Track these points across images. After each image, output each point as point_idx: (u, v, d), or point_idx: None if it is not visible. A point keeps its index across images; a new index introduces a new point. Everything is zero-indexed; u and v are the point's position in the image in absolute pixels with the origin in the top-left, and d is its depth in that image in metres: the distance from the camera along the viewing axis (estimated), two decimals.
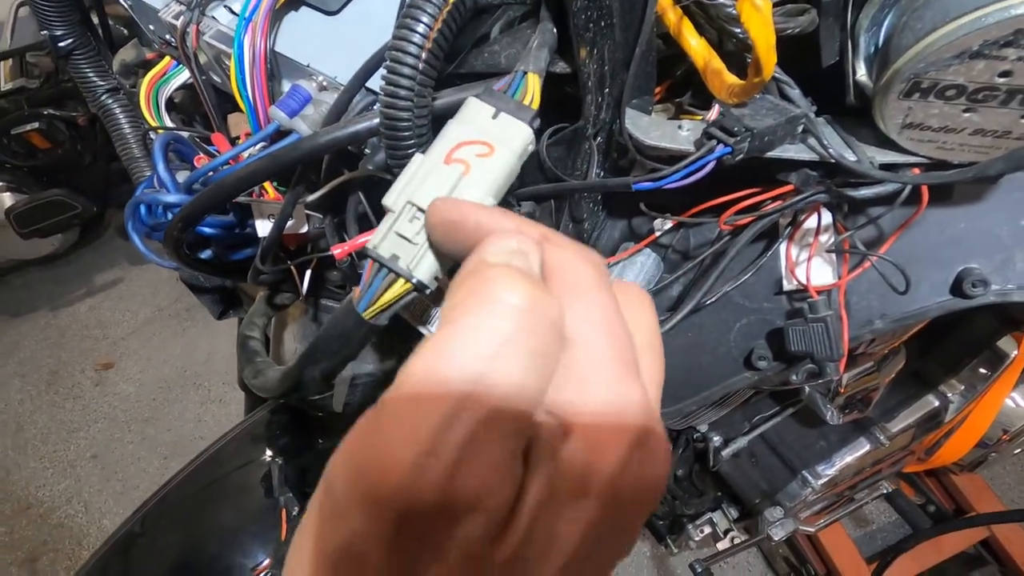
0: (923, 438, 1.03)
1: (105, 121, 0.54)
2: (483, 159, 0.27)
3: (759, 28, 0.26)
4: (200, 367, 2.17)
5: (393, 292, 0.26)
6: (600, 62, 0.30)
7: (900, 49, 0.27)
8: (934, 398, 0.95)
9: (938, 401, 0.95)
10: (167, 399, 2.08)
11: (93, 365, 2.21)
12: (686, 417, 0.66)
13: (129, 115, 0.53)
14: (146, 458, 1.92)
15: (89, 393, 2.11)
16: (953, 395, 0.95)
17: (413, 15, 0.26)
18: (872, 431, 0.98)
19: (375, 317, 0.27)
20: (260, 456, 0.82)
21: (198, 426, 2.02)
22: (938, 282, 0.38)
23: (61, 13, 0.47)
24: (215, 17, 0.38)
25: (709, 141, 0.30)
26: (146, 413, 2.06)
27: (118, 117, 0.53)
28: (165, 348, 2.23)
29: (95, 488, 1.85)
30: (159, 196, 0.37)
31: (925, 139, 0.31)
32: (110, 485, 1.86)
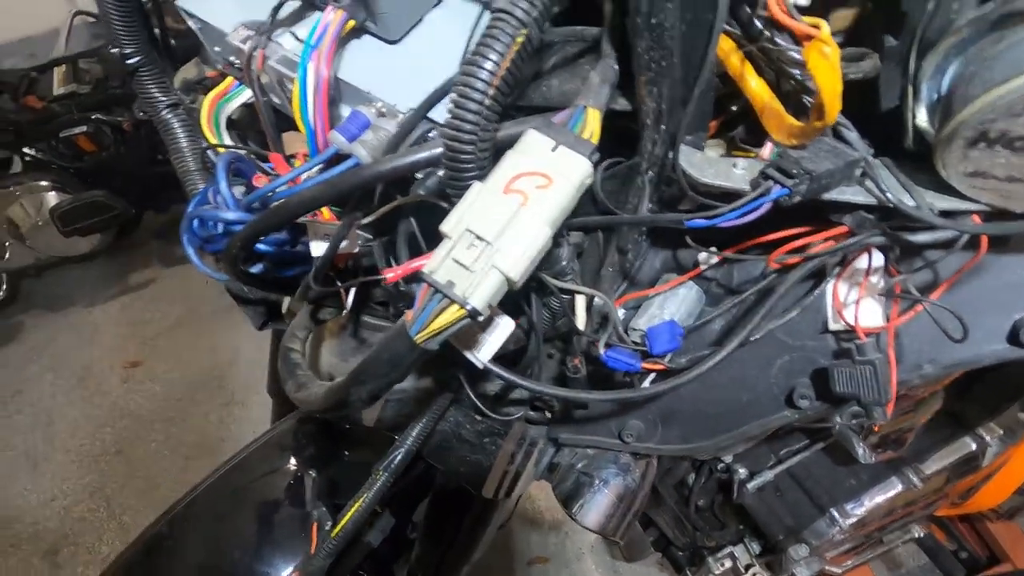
0: (958, 481, 0.99)
1: (164, 134, 0.56)
2: (542, 190, 0.27)
3: (826, 75, 0.26)
4: (224, 369, 2.20)
5: (446, 318, 0.27)
6: (659, 100, 0.31)
7: (967, 99, 0.27)
8: (971, 441, 0.92)
9: (975, 444, 0.92)
10: (191, 399, 2.12)
11: (122, 363, 2.26)
12: (718, 450, 0.64)
13: (187, 130, 0.55)
14: (169, 457, 1.95)
15: (117, 390, 2.16)
16: (991, 439, 0.92)
17: (482, 52, 0.27)
18: (905, 471, 0.95)
19: (426, 342, 0.27)
20: (286, 465, 0.83)
21: (220, 427, 2.05)
22: (993, 330, 0.37)
23: (131, 33, 0.49)
24: (280, 43, 0.40)
25: (766, 181, 0.30)
26: (170, 412, 2.09)
27: (177, 132, 0.55)
28: (191, 349, 2.28)
29: (118, 484, 1.88)
30: (220, 213, 0.38)
31: (988, 187, 0.30)
32: (132, 482, 1.89)
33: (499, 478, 0.65)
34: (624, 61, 0.31)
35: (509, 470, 0.64)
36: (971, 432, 0.95)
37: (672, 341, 0.39)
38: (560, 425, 0.55)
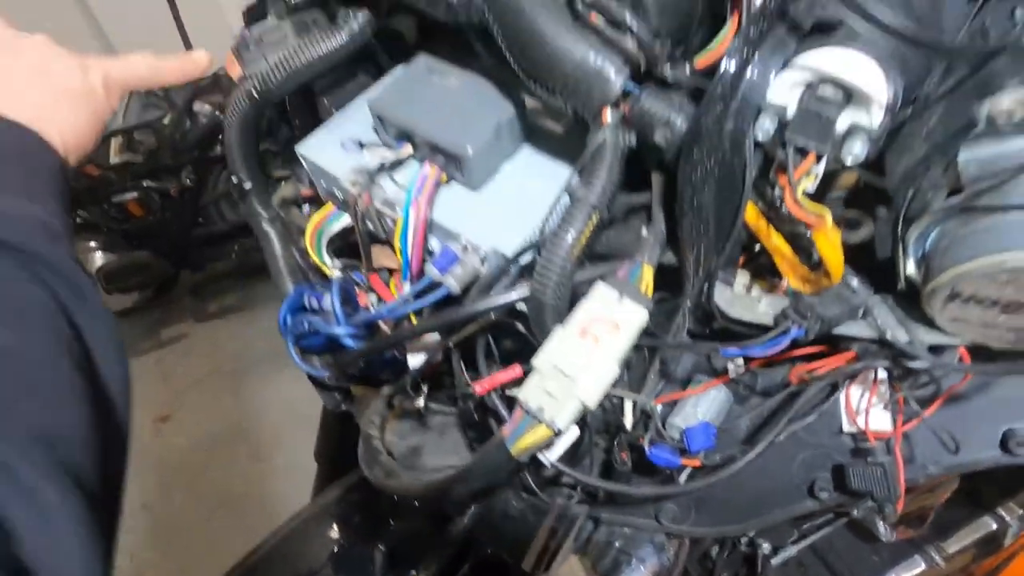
0: (983, 561, 1.00)
1: (263, 242, 0.65)
2: (610, 335, 0.35)
3: (829, 252, 0.34)
4: (250, 424, 2.26)
5: (537, 436, 0.34)
6: (698, 254, 0.39)
7: (942, 267, 0.35)
8: (992, 520, 0.94)
9: (996, 524, 0.94)
10: (216, 454, 2.17)
11: (152, 417, 2.33)
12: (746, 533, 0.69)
13: (282, 241, 0.65)
14: (194, 511, 1.98)
15: (147, 444, 2.21)
16: (1011, 519, 0.94)
17: (564, 228, 0.35)
18: (928, 550, 0.97)
19: (520, 455, 0.34)
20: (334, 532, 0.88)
21: (244, 483, 2.08)
22: (987, 438, 0.43)
23: (248, 163, 0.59)
24: (383, 186, 0.49)
25: (785, 321, 0.38)
26: (195, 467, 2.14)
27: (274, 241, 0.65)
28: (219, 404, 2.35)
29: (142, 539, 1.91)
30: (332, 328, 0.46)
31: (968, 329, 0.37)
32: (156, 538, 1.92)
33: (539, 552, 0.70)
34: (669, 221, 0.39)
35: (550, 545, 0.69)
36: (991, 512, 0.97)
37: (708, 440, 0.46)
38: (602, 505, 0.61)
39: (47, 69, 0.44)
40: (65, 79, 0.44)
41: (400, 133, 0.49)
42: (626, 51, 0.35)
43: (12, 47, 0.44)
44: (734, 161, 0.36)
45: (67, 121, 0.43)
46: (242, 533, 1.78)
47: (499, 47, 0.41)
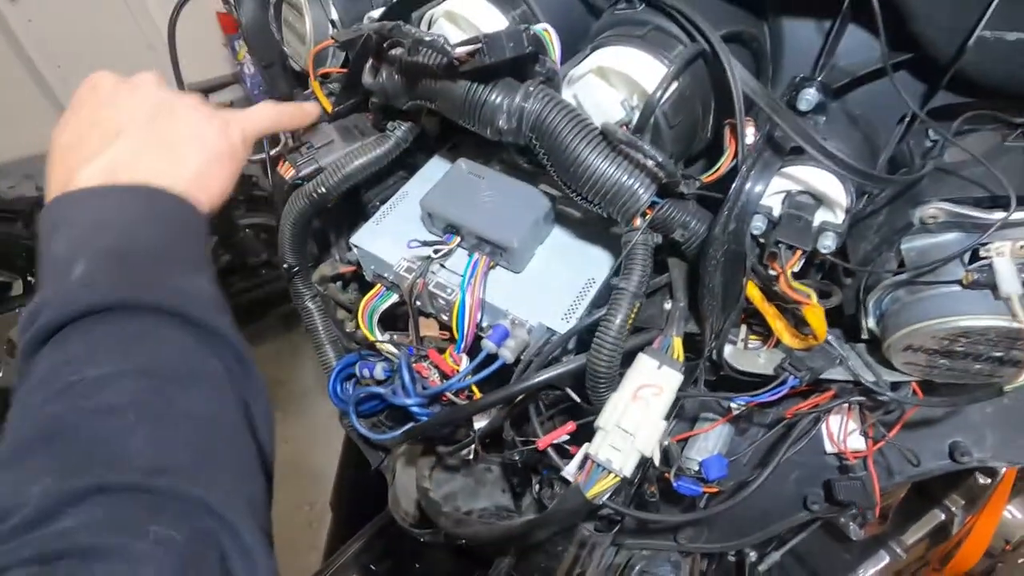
0: (936, 549, 1.14)
1: (305, 318, 0.72)
2: (656, 396, 0.44)
3: (816, 321, 0.45)
4: None
5: (607, 483, 0.43)
6: (711, 322, 0.49)
7: (897, 326, 0.46)
8: (940, 512, 1.08)
9: (944, 515, 1.08)
10: None
11: None
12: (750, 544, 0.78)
13: (323, 315, 0.71)
14: None
15: None
16: (956, 509, 1.08)
17: (614, 311, 0.45)
18: (890, 544, 1.10)
19: (594, 499, 0.43)
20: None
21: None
22: (938, 450, 0.55)
23: (297, 248, 0.66)
24: (433, 272, 0.57)
25: (784, 372, 0.48)
26: None
27: (315, 317, 0.71)
28: None
29: None
30: (402, 399, 0.54)
31: (917, 370, 0.49)
32: None
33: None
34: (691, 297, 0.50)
35: (573, 571, 0.76)
36: (939, 504, 1.10)
37: (722, 469, 0.56)
38: (626, 532, 0.70)
39: (200, 132, 0.44)
40: (215, 142, 0.45)
41: (448, 227, 0.57)
42: (652, 172, 0.45)
43: (171, 110, 0.44)
44: (736, 252, 0.47)
45: (216, 182, 0.44)
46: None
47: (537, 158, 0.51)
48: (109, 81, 0.45)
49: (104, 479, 0.29)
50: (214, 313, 0.37)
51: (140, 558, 0.28)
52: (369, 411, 0.64)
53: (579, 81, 0.51)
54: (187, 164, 0.43)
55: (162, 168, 0.41)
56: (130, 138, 0.42)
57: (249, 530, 0.31)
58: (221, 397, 0.35)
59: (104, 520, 0.28)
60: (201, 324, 0.36)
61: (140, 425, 0.32)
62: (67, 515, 0.28)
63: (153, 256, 0.38)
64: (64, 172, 0.41)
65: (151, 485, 0.30)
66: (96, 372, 0.32)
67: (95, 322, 0.34)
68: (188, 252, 0.40)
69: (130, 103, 0.44)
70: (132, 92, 0.45)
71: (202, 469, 0.32)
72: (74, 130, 0.43)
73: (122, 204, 0.39)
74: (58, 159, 0.42)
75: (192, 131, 0.44)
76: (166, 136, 0.43)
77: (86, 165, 0.40)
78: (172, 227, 0.40)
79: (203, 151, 0.44)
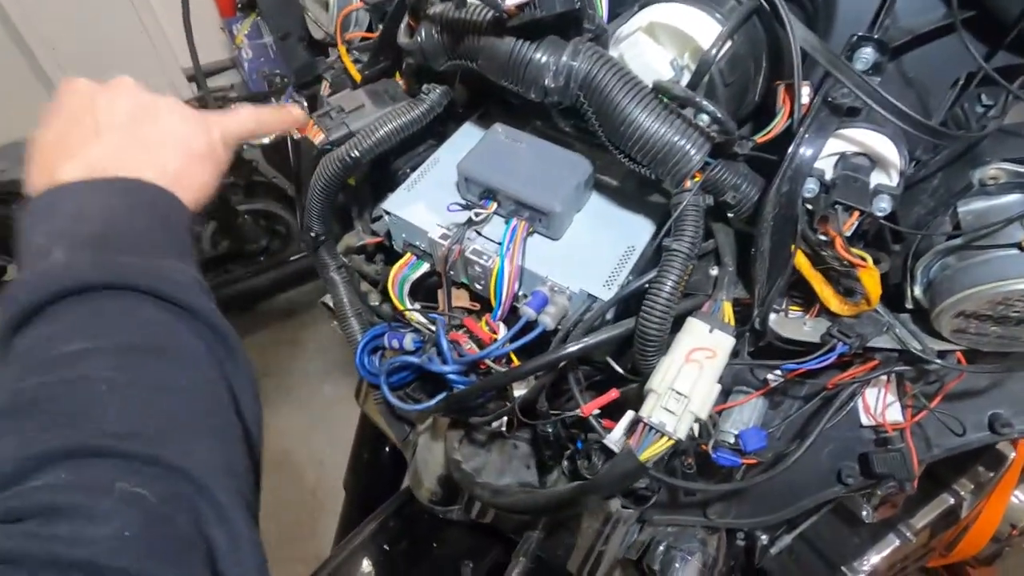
0: (944, 533, 1.15)
1: (330, 288, 0.70)
2: (710, 360, 0.43)
3: (871, 284, 0.44)
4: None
5: (660, 446, 0.42)
6: (759, 288, 0.48)
7: (950, 291, 0.45)
8: (949, 496, 1.08)
9: (953, 499, 1.08)
10: None
11: None
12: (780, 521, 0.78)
13: (348, 288, 0.70)
14: None
15: None
16: (965, 493, 1.08)
17: (666, 274, 0.44)
18: (899, 528, 1.10)
19: (647, 461, 0.42)
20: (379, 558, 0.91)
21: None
22: (977, 422, 0.55)
23: (323, 215, 0.64)
24: (469, 238, 0.56)
25: (832, 339, 0.48)
26: None
27: (340, 288, 0.70)
28: None
29: None
30: (440, 367, 0.52)
31: (965, 338, 0.48)
32: None
33: (585, 554, 0.76)
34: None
35: (596, 545, 0.75)
36: (948, 488, 1.11)
37: (761, 441, 0.55)
38: (655, 508, 0.69)
39: (180, 133, 0.45)
40: (194, 142, 0.46)
41: (485, 192, 0.56)
42: (705, 132, 0.44)
43: (150, 111, 0.45)
44: (786, 216, 0.46)
45: (197, 182, 0.45)
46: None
47: (579, 119, 0.50)
48: (88, 85, 0.45)
49: (72, 442, 0.29)
50: (196, 296, 0.37)
51: (105, 515, 0.27)
52: (398, 383, 0.63)
53: (626, 40, 0.49)
54: (167, 164, 0.43)
55: (142, 165, 0.42)
56: (111, 137, 0.43)
57: (228, 497, 0.31)
58: (200, 373, 0.36)
59: (70, 481, 0.28)
60: (182, 305, 0.36)
61: (113, 395, 0.32)
62: (32, 478, 0.28)
63: (134, 242, 0.38)
64: (45, 169, 0.41)
65: (122, 449, 0.30)
66: (70, 349, 0.33)
67: (73, 303, 0.34)
68: (170, 240, 0.40)
69: (110, 104, 0.44)
70: (112, 94, 0.45)
71: (178, 436, 0.32)
72: (55, 129, 0.43)
73: (103, 196, 0.39)
74: (41, 157, 0.42)
75: (172, 132, 0.45)
76: (146, 136, 0.44)
77: (67, 162, 0.41)
78: (154, 216, 0.41)
79: (183, 151, 0.45)
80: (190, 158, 0.45)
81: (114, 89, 0.45)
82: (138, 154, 0.43)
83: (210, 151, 0.47)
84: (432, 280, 0.63)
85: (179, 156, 0.44)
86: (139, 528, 0.27)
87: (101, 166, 0.40)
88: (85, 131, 0.42)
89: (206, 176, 0.46)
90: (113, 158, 0.41)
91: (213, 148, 0.47)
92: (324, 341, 2.41)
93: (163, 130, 0.45)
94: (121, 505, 0.28)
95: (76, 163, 0.40)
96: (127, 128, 0.43)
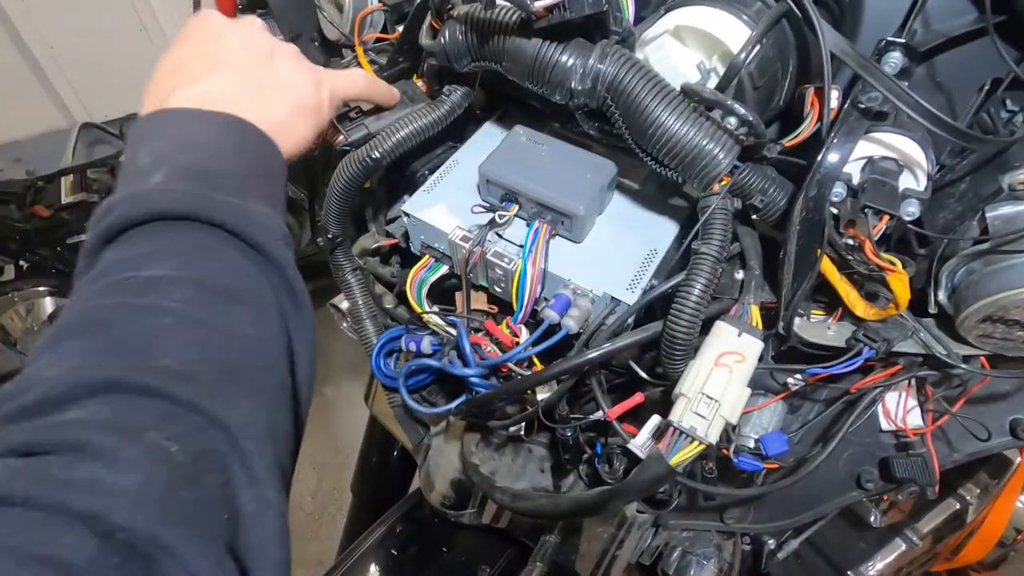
0: (949, 538, 1.15)
1: (344, 290, 0.70)
2: (739, 363, 0.43)
3: (900, 289, 0.44)
4: None
5: (691, 450, 0.41)
6: (786, 291, 0.48)
7: (976, 296, 0.45)
8: (955, 501, 1.09)
9: (959, 504, 1.09)
10: None
11: None
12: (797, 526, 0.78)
13: (363, 290, 0.69)
14: None
15: None
16: (971, 498, 1.09)
17: (695, 277, 0.43)
18: (906, 532, 1.10)
19: (677, 466, 0.41)
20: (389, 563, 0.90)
21: None
22: (999, 427, 0.55)
23: (341, 217, 0.64)
24: (490, 240, 0.56)
25: (857, 344, 0.48)
26: None
27: (355, 290, 0.69)
28: None
29: None
30: (461, 370, 0.52)
31: (990, 343, 0.48)
32: None
33: (598, 558, 0.76)
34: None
35: (609, 550, 0.75)
36: (954, 493, 1.11)
37: (783, 445, 0.55)
38: (672, 512, 0.69)
39: (293, 81, 0.46)
40: (305, 93, 0.46)
41: (507, 194, 0.56)
42: (734, 135, 0.44)
43: (271, 55, 0.46)
44: (813, 220, 0.46)
45: (298, 133, 0.46)
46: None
47: (604, 122, 0.50)
48: (218, 19, 0.47)
49: (124, 375, 0.29)
50: (278, 244, 0.37)
51: (127, 464, 0.26)
52: (415, 386, 0.63)
53: (652, 42, 0.49)
54: (275, 108, 0.44)
55: (252, 106, 0.43)
56: (229, 73, 0.44)
57: (264, 461, 0.30)
58: (266, 323, 0.35)
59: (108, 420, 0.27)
60: (263, 250, 0.36)
61: (178, 329, 0.31)
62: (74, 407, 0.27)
63: (230, 180, 0.38)
64: (161, 92, 0.42)
65: (171, 391, 0.29)
66: (149, 274, 0.33)
67: (161, 228, 0.35)
68: (265, 185, 0.41)
69: (234, 41, 0.45)
70: (238, 32, 0.46)
71: (229, 386, 0.31)
72: (178, 56, 0.45)
73: (210, 129, 0.40)
74: (158, 80, 0.44)
75: (286, 79, 0.46)
76: (262, 78, 0.45)
77: (183, 90, 0.42)
78: (253, 159, 0.41)
79: (292, 100, 0.45)
80: (296, 108, 0.46)
81: (241, 28, 0.46)
82: (249, 95, 0.43)
83: (316, 106, 0.48)
84: (448, 283, 0.63)
85: (286, 105, 0.45)
86: (161, 486, 0.26)
87: (213, 100, 0.41)
88: (205, 62, 0.44)
89: (307, 129, 0.47)
90: (226, 94, 0.42)
91: (320, 104, 0.48)
92: (324, 343, 2.40)
93: (277, 76, 0.46)
94: (146, 458, 0.26)
95: (190, 92, 0.42)
96: (244, 68, 0.44)
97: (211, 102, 0.41)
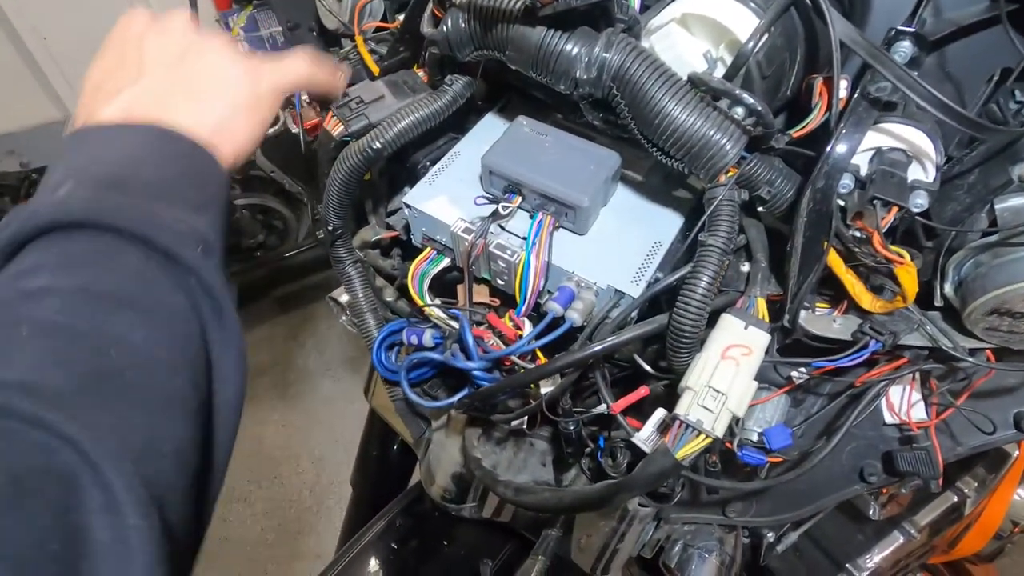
0: (947, 530, 1.15)
1: (344, 282, 0.69)
2: (746, 356, 0.43)
3: (908, 281, 0.43)
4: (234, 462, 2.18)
5: (697, 444, 0.41)
6: (793, 283, 0.48)
7: (984, 289, 0.45)
8: (953, 494, 1.09)
9: (956, 496, 1.09)
10: None
11: None
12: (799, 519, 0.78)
13: (363, 282, 0.69)
14: None
15: None
16: (969, 491, 1.09)
17: (702, 269, 0.43)
18: (904, 525, 1.10)
19: (683, 459, 0.41)
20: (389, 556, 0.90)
21: (223, 526, 2.00)
22: (1003, 420, 0.55)
23: (341, 210, 0.63)
24: (493, 232, 0.55)
25: (863, 337, 0.47)
26: None
27: (355, 282, 0.68)
28: None
29: None
30: (463, 363, 0.51)
31: (996, 336, 0.48)
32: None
33: (599, 551, 0.76)
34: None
35: (611, 543, 0.75)
36: (952, 486, 1.11)
37: (786, 439, 0.54)
38: (674, 505, 0.68)
39: (225, 79, 0.43)
40: (240, 91, 0.43)
41: (510, 186, 0.55)
42: (741, 126, 0.44)
43: (198, 53, 0.43)
44: (820, 212, 0.45)
45: (240, 133, 0.43)
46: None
47: (608, 112, 0.49)
48: (141, 20, 0.45)
49: None
50: (189, 248, 0.34)
51: None
52: (416, 379, 0.62)
53: (658, 31, 0.49)
54: (210, 111, 0.42)
55: (182, 111, 0.40)
56: (153, 79, 0.42)
57: (126, 483, 0.26)
58: (163, 329, 0.32)
59: None
60: (171, 256, 0.34)
61: (35, 340, 0.29)
62: None
63: (146, 189, 0.36)
64: (87, 110, 0.41)
65: (7, 404, 0.26)
66: (34, 285, 0.31)
67: (57, 238, 0.33)
68: (190, 193, 0.38)
69: (157, 43, 0.43)
70: (161, 32, 0.44)
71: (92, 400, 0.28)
72: (100, 71, 0.43)
73: (131, 140, 0.38)
74: (84, 100, 0.42)
75: (218, 77, 0.43)
76: (190, 80, 0.42)
77: (107, 104, 0.40)
78: (178, 167, 0.39)
79: (226, 101, 0.43)
80: (233, 108, 0.43)
81: (165, 26, 0.44)
82: (176, 100, 0.41)
83: (255, 102, 0.44)
84: (450, 276, 0.62)
85: (221, 105, 0.43)
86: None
87: (139, 110, 0.40)
88: (127, 72, 0.42)
89: (249, 128, 0.44)
90: (152, 102, 0.41)
91: (259, 99, 0.45)
92: (322, 337, 2.40)
93: (208, 75, 0.43)
94: None
95: (112, 107, 0.40)
96: (171, 71, 0.42)
97: (137, 114, 0.39)
